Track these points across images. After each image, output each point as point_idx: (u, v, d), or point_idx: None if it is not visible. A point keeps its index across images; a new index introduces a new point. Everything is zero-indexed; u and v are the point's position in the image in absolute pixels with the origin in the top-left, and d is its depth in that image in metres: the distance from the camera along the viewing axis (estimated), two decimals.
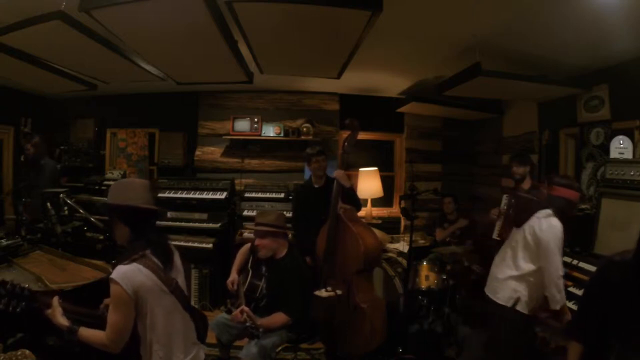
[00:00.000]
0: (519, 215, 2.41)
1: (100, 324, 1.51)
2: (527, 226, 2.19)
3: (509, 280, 2.21)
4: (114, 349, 1.46)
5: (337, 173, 2.82)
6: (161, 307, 1.54)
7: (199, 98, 4.77)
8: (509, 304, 2.16)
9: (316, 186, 3.18)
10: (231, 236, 4.22)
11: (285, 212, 2.97)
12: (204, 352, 1.77)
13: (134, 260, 1.49)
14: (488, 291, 2.33)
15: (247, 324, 2.20)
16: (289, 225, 2.85)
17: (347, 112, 4.71)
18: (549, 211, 2.15)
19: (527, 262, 2.18)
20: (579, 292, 2.43)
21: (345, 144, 2.86)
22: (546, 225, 2.10)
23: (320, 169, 3.16)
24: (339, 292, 2.61)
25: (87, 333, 1.51)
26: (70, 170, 4.67)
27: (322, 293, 2.61)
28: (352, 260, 2.63)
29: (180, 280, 1.67)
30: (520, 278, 2.18)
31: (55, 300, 1.61)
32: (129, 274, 1.46)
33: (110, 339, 1.46)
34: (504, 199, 3.20)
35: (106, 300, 1.74)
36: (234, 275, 2.64)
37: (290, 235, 2.76)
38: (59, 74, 3.03)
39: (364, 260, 2.60)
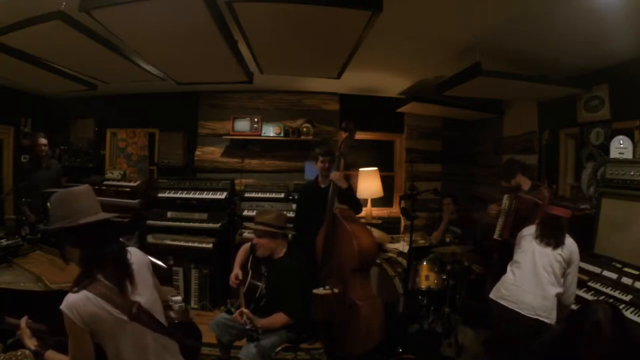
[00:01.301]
0: (525, 220, 2.59)
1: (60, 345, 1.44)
2: (565, 249, 2.31)
3: (554, 298, 2.25)
4: None
5: (333, 175, 2.84)
6: (123, 337, 1.38)
7: (199, 98, 4.77)
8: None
9: (322, 186, 3.18)
10: (231, 236, 4.22)
11: (285, 212, 2.97)
12: None
13: (83, 287, 1.34)
14: (527, 311, 2.23)
15: (247, 326, 2.19)
16: (290, 225, 2.86)
17: (347, 112, 4.71)
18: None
19: (562, 278, 2.30)
20: (579, 292, 2.45)
21: (342, 145, 2.88)
22: (576, 248, 2.33)
23: (324, 169, 3.17)
24: (336, 290, 2.62)
25: (53, 357, 1.44)
26: (70, 170, 4.66)
27: (320, 291, 2.63)
28: (348, 260, 2.63)
29: (146, 299, 1.48)
30: (560, 294, 2.29)
31: (23, 322, 1.54)
32: (77, 304, 1.31)
33: None
34: (505, 199, 3.20)
35: None
36: (236, 270, 2.64)
37: (290, 235, 2.77)
38: (59, 74, 3.02)
39: (358, 259, 2.60)
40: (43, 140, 4.15)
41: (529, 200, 2.96)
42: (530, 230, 2.46)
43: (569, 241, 2.33)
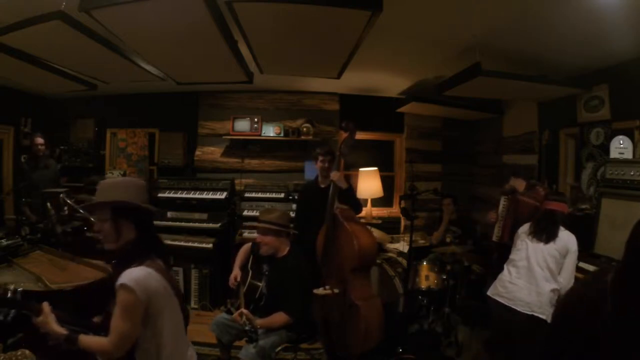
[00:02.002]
0: (524, 220, 2.58)
1: (82, 331, 1.46)
2: (558, 242, 2.31)
3: (550, 293, 2.26)
4: (116, 355, 1.39)
5: (333, 175, 2.84)
6: (168, 310, 1.48)
7: (199, 98, 4.77)
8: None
9: (322, 186, 3.19)
10: (231, 236, 4.22)
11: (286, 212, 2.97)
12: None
13: (142, 263, 1.42)
14: (522, 307, 2.25)
15: (246, 327, 2.19)
16: (291, 224, 2.86)
17: (347, 112, 4.72)
18: (562, 227, 2.36)
19: (558, 273, 2.31)
20: None
21: (342, 145, 2.88)
22: (572, 240, 2.31)
23: (324, 169, 3.17)
24: (336, 290, 2.62)
25: (88, 340, 1.43)
26: (70, 170, 4.67)
27: (320, 291, 2.63)
28: (348, 260, 2.63)
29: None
30: (557, 290, 2.28)
31: (47, 306, 1.48)
32: (141, 278, 1.38)
33: (116, 346, 1.38)
34: (503, 201, 3.19)
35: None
36: (236, 271, 2.65)
37: (292, 234, 2.77)
38: (59, 74, 3.03)
39: (359, 259, 2.60)
40: (40, 140, 4.16)
41: (530, 205, 2.95)
42: (524, 229, 2.50)
43: (564, 234, 2.33)
